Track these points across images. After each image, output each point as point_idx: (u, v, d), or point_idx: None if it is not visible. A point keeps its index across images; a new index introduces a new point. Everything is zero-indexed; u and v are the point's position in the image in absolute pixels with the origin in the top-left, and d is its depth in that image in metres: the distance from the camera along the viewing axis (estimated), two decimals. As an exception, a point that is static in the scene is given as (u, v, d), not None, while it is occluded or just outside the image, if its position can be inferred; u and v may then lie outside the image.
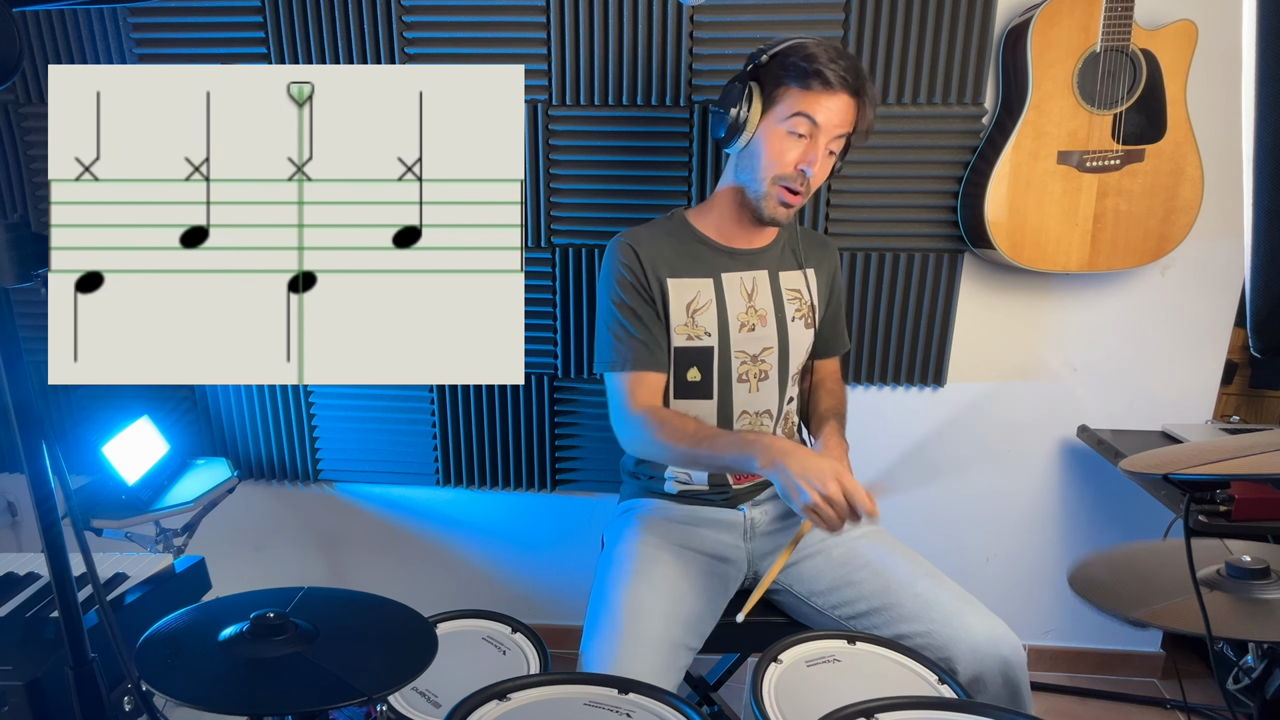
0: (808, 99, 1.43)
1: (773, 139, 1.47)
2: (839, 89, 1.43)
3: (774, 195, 1.49)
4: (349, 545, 2.43)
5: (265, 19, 2.00)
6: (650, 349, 1.55)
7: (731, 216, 1.60)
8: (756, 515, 1.63)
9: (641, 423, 1.51)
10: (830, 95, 1.43)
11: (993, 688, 1.35)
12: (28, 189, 2.16)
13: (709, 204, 1.65)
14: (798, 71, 1.42)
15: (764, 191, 1.50)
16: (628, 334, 1.55)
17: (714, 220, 1.63)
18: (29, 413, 0.89)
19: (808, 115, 1.43)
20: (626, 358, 1.54)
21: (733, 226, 1.61)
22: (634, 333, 1.55)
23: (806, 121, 1.44)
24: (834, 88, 1.43)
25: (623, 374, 1.55)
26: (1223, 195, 1.91)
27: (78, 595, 0.95)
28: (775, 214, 1.52)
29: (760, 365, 1.60)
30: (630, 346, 1.55)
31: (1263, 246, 0.84)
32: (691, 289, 1.58)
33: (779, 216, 1.53)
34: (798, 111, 1.43)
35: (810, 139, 1.45)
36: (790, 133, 1.45)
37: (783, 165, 1.47)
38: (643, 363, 1.54)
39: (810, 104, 1.43)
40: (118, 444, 1.86)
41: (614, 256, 1.59)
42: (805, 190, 1.49)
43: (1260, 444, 1.04)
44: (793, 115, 1.44)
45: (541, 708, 1.06)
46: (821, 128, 1.44)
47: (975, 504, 2.26)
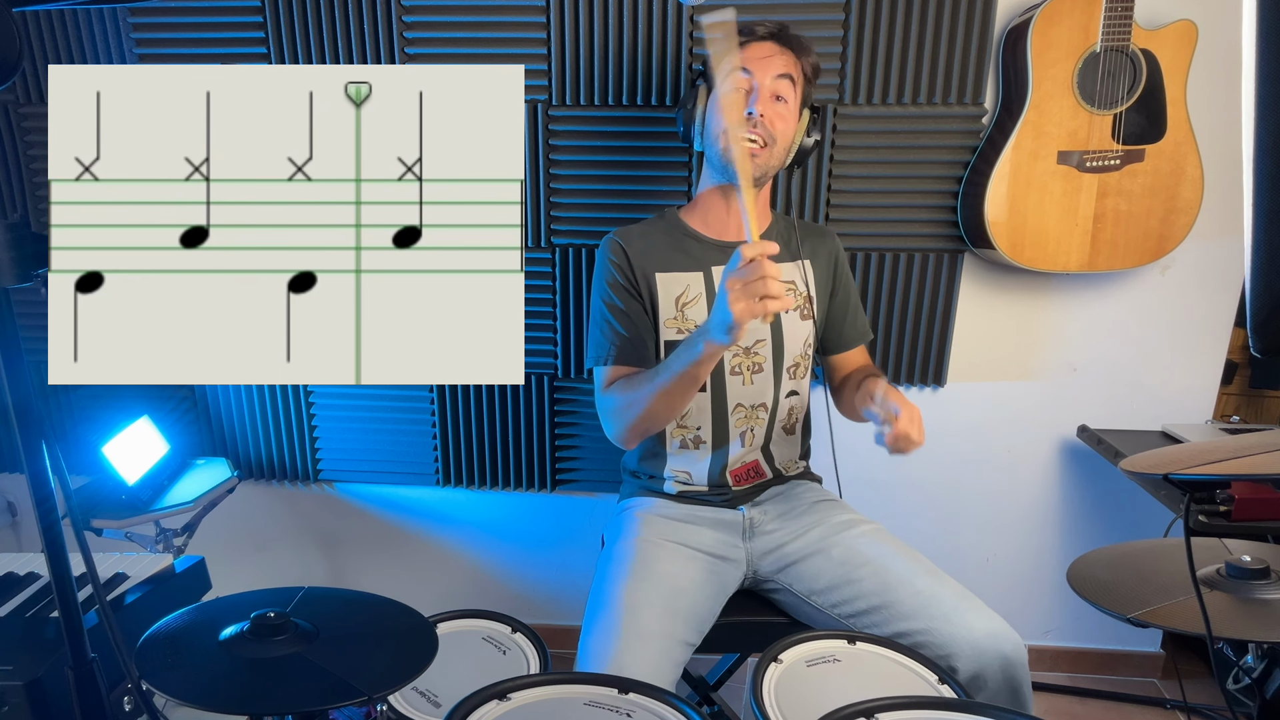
0: (731, 55, 1.43)
1: (720, 104, 1.51)
2: (760, 38, 1.51)
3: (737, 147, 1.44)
4: (349, 545, 2.43)
5: (265, 19, 2.00)
6: (634, 345, 1.59)
7: (718, 208, 1.63)
8: (756, 515, 1.63)
9: (611, 395, 1.57)
10: (752, 45, 1.51)
11: (993, 685, 1.35)
12: (28, 189, 2.16)
13: (696, 201, 1.68)
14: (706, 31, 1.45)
15: (723, 144, 1.53)
16: (613, 331, 1.59)
17: (701, 215, 1.65)
18: (29, 413, 0.89)
19: (738, 68, 1.48)
20: (610, 353, 1.59)
21: (720, 219, 1.63)
22: (620, 329, 1.59)
23: (740, 75, 1.49)
24: (755, 37, 1.51)
25: (605, 367, 1.60)
26: (1223, 195, 1.91)
27: (78, 595, 0.95)
28: (747, 165, 1.47)
29: (754, 358, 1.60)
30: (613, 342, 1.59)
31: (1263, 246, 0.84)
32: (681, 283, 1.60)
33: (753, 167, 1.52)
34: (729, 69, 1.44)
35: (752, 89, 1.51)
36: (734, 90, 1.47)
37: (731, 117, 1.46)
38: (624, 358, 1.58)
39: (735, 58, 1.45)
40: (118, 444, 1.86)
41: (604, 254, 1.63)
42: (766, 135, 1.51)
43: (1260, 444, 1.04)
44: (727, 75, 1.44)
45: (541, 708, 1.06)
46: (755, 74, 1.50)
47: (975, 504, 2.26)
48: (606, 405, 1.58)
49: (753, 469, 1.65)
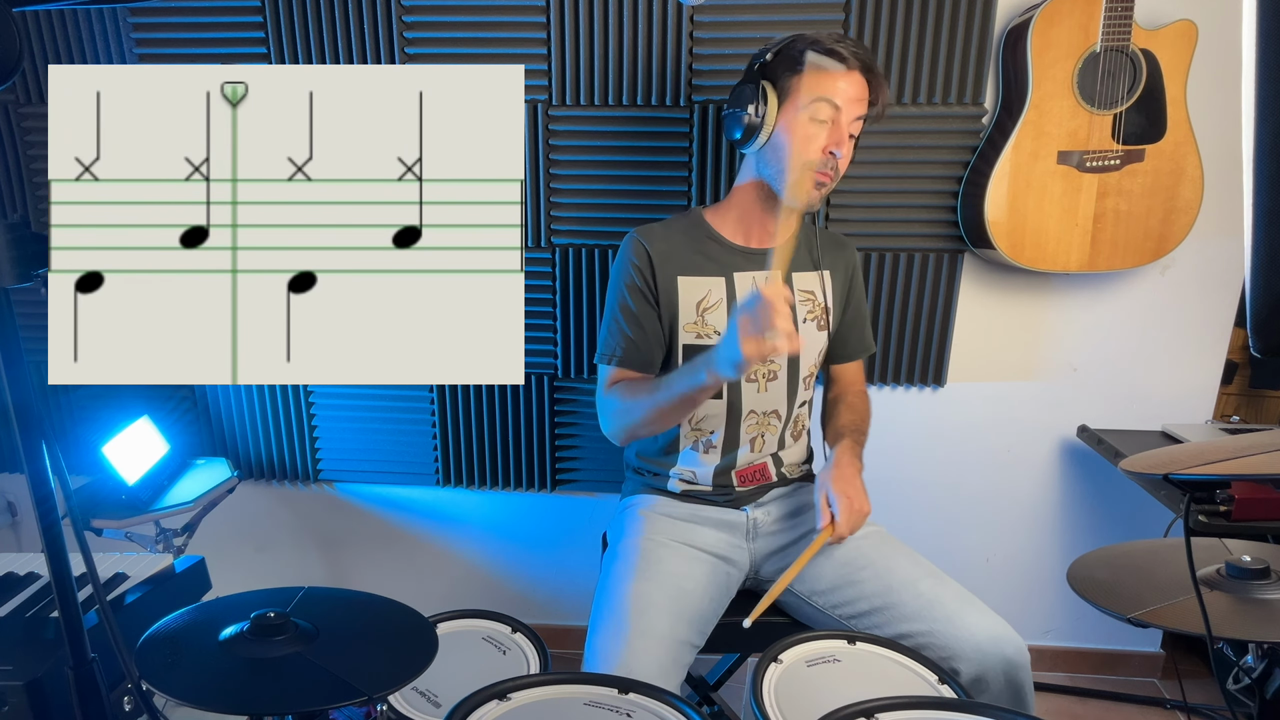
0: (824, 82, 1.44)
1: (796, 128, 1.46)
2: (852, 66, 1.45)
3: (805, 182, 1.48)
4: (349, 545, 2.43)
5: (265, 19, 2.00)
6: (640, 349, 1.58)
7: (755, 213, 1.59)
8: (759, 516, 1.63)
9: (611, 396, 1.57)
10: (844, 74, 1.45)
11: (995, 688, 1.35)
12: (28, 189, 2.16)
13: (727, 202, 1.65)
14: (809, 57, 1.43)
15: (795, 177, 1.49)
16: (622, 333, 1.59)
17: (733, 218, 1.62)
18: (29, 413, 0.89)
19: (828, 99, 1.44)
20: (615, 353, 1.59)
21: (754, 224, 1.61)
22: (628, 332, 1.58)
23: (828, 106, 1.44)
24: (848, 65, 1.44)
25: (609, 367, 1.60)
26: (1223, 195, 1.91)
27: (78, 595, 0.95)
28: (809, 199, 1.51)
29: (769, 366, 1.60)
30: (621, 343, 1.59)
31: (1263, 246, 0.84)
32: (703, 287, 1.58)
33: (812, 201, 1.52)
34: (818, 97, 1.44)
35: (833, 123, 1.46)
36: (813, 119, 1.45)
37: (811, 152, 1.46)
38: (629, 360, 1.58)
39: (828, 87, 1.44)
40: (118, 444, 1.86)
41: (627, 253, 1.60)
42: (834, 174, 1.49)
43: (1260, 444, 1.04)
44: (813, 101, 1.44)
45: (541, 708, 1.06)
46: (842, 109, 1.45)
47: (975, 504, 2.26)
48: (606, 405, 1.59)
49: (759, 471, 1.65)
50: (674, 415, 1.52)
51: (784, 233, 1.60)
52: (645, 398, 1.50)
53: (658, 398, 1.47)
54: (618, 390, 1.57)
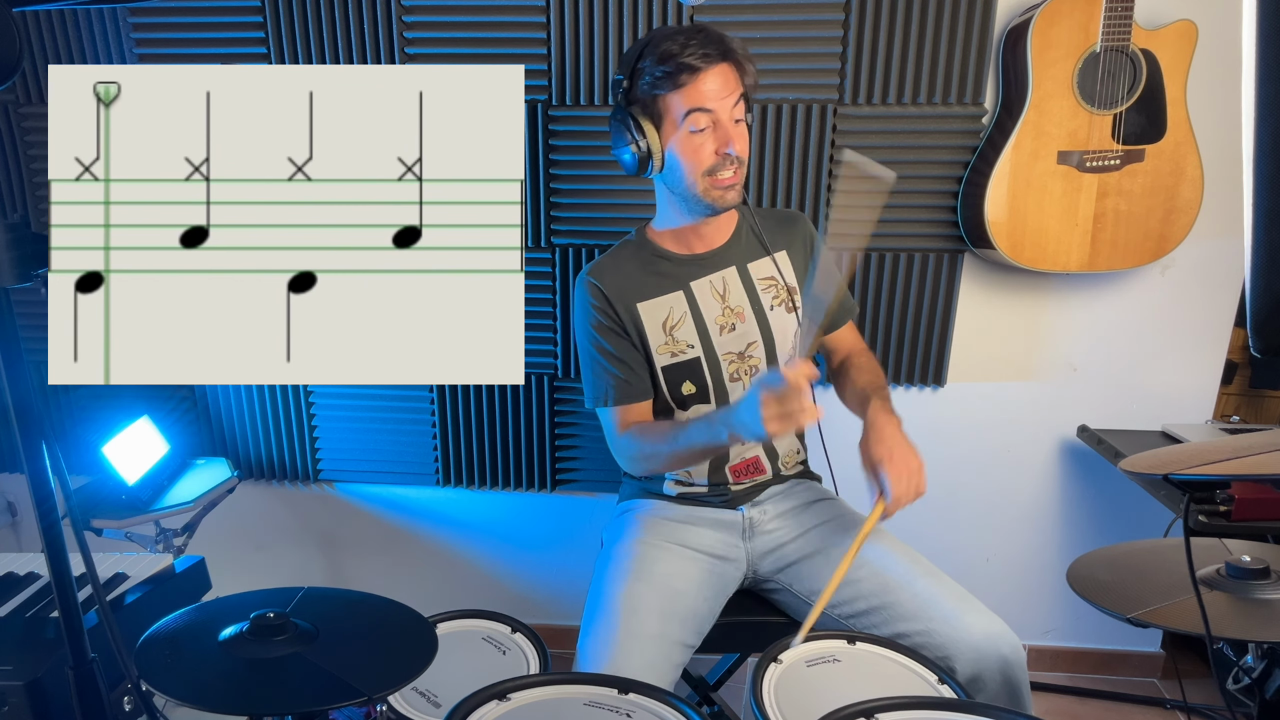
0: (689, 94, 1.42)
1: (683, 147, 1.45)
2: (708, 65, 1.41)
3: (711, 188, 1.48)
4: (349, 545, 2.43)
5: (265, 19, 2.00)
6: (630, 382, 1.59)
7: (687, 225, 1.59)
8: (755, 515, 1.63)
9: (628, 441, 1.58)
10: (705, 77, 1.42)
11: (992, 687, 1.35)
12: (28, 189, 2.16)
13: (661, 218, 1.64)
14: (664, 77, 1.41)
15: (701, 188, 1.48)
16: (606, 372, 1.59)
17: (671, 233, 1.62)
18: (29, 413, 0.89)
19: (699, 108, 1.42)
20: (609, 395, 1.59)
21: (691, 234, 1.60)
22: (612, 369, 1.59)
23: (702, 115, 1.43)
24: (704, 67, 1.41)
25: (610, 409, 1.60)
26: (1223, 195, 1.91)
27: (78, 595, 0.95)
28: (725, 200, 1.50)
29: (749, 361, 1.60)
30: (611, 384, 1.59)
31: (1263, 246, 0.84)
32: (664, 307, 1.59)
33: (729, 200, 1.51)
34: (689, 109, 1.42)
35: (714, 125, 1.44)
36: (693, 131, 1.44)
37: (705, 161, 1.45)
38: (624, 396, 1.59)
39: (693, 97, 1.42)
40: (118, 444, 1.86)
41: (582, 297, 1.61)
42: (738, 165, 1.48)
43: (1260, 444, 1.04)
44: (687, 115, 1.43)
45: (541, 708, 1.06)
46: (717, 109, 1.43)
47: (975, 504, 2.26)
48: (623, 449, 1.60)
49: (752, 464, 1.65)
50: (694, 461, 1.59)
51: (724, 231, 1.62)
52: (664, 447, 1.52)
53: (677, 449, 1.50)
54: (633, 435, 1.57)
